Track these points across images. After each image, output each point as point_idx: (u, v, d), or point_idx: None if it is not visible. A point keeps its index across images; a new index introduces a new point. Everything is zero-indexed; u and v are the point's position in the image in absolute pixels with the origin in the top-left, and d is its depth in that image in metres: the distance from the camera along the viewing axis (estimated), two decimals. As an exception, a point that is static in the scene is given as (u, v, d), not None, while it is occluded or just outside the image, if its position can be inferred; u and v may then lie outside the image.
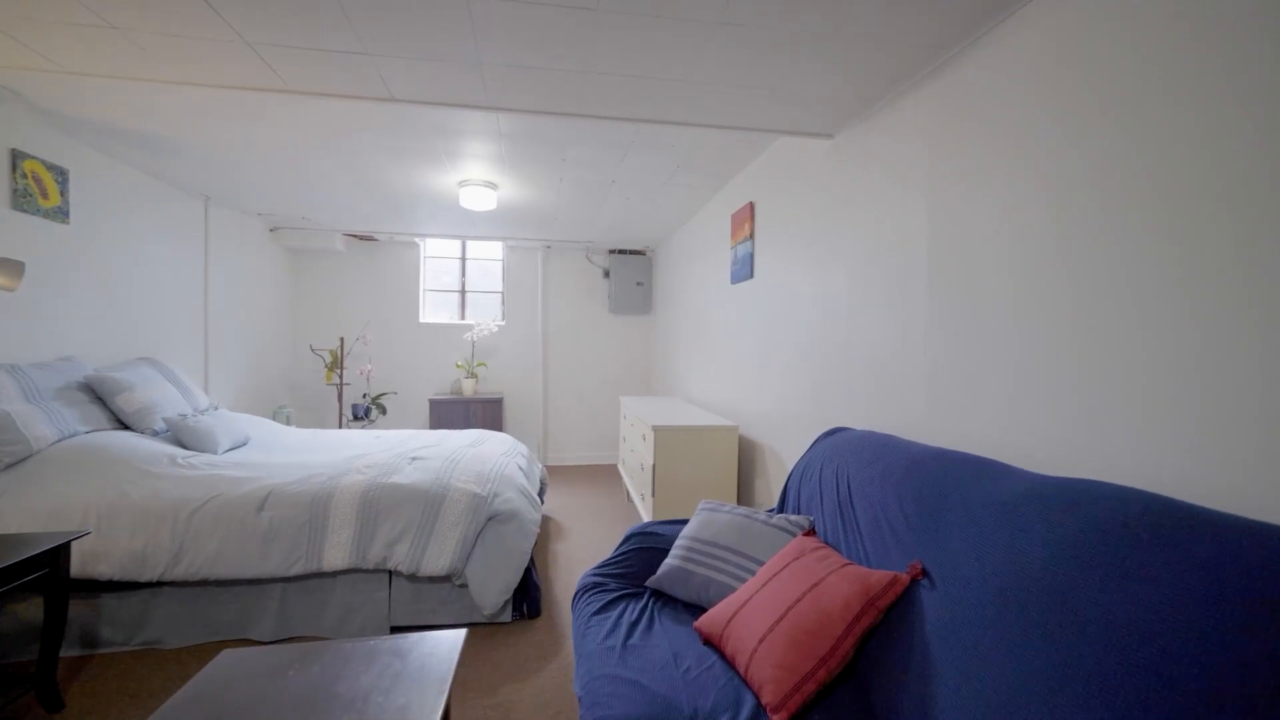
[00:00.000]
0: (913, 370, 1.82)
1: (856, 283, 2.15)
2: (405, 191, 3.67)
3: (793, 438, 2.64)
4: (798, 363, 2.60)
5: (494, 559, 2.35)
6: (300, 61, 1.74)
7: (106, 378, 2.67)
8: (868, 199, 2.08)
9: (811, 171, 2.49)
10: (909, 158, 1.85)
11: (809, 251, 2.51)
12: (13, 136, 2.44)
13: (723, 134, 2.69)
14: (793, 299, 2.65)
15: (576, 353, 5.71)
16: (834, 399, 2.30)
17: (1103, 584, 0.88)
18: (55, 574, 1.86)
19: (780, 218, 2.80)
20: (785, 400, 2.72)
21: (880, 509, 1.44)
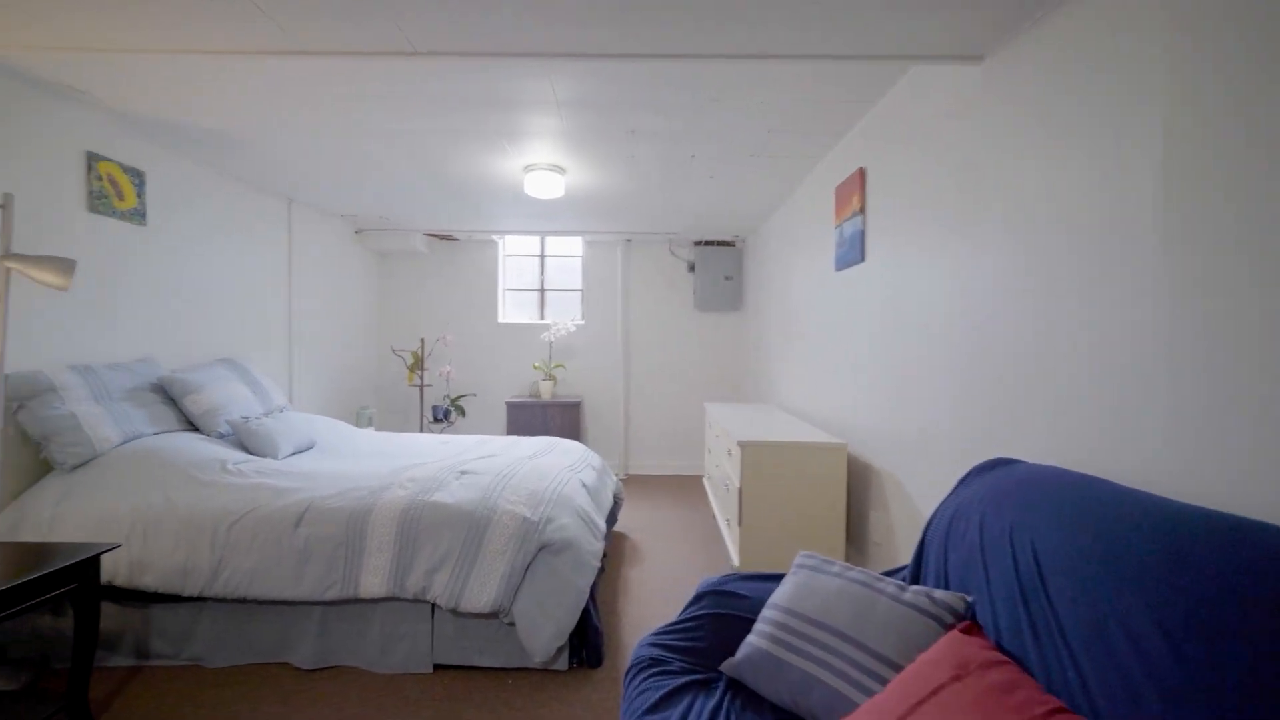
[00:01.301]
0: (1137, 383, 1.19)
1: (1023, 262, 1.53)
2: (472, 181, 3.45)
3: (925, 464, 2.03)
4: (929, 366, 1.99)
5: (545, 597, 1.99)
6: (304, 6, 1.47)
7: (176, 379, 2.64)
8: (1041, 142, 1.46)
9: (946, 117, 1.87)
10: (1127, 67, 1.23)
11: (942, 224, 1.90)
12: (87, 139, 2.45)
13: (825, 85, 2.15)
14: (919, 285, 2.05)
15: (659, 354, 5.30)
16: (988, 416, 1.68)
17: None
18: (85, 587, 1.74)
19: (900, 184, 2.19)
20: (912, 415, 2.11)
21: (1112, 615, 0.87)
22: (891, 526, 2.28)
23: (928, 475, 2.00)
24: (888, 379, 2.30)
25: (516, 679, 2.03)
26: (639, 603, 2.62)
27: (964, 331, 1.78)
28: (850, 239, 2.64)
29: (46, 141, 2.30)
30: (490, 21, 1.53)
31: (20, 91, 2.19)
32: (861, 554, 2.56)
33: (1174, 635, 0.77)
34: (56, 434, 2.16)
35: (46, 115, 2.29)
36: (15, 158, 2.18)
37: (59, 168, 2.35)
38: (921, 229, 2.04)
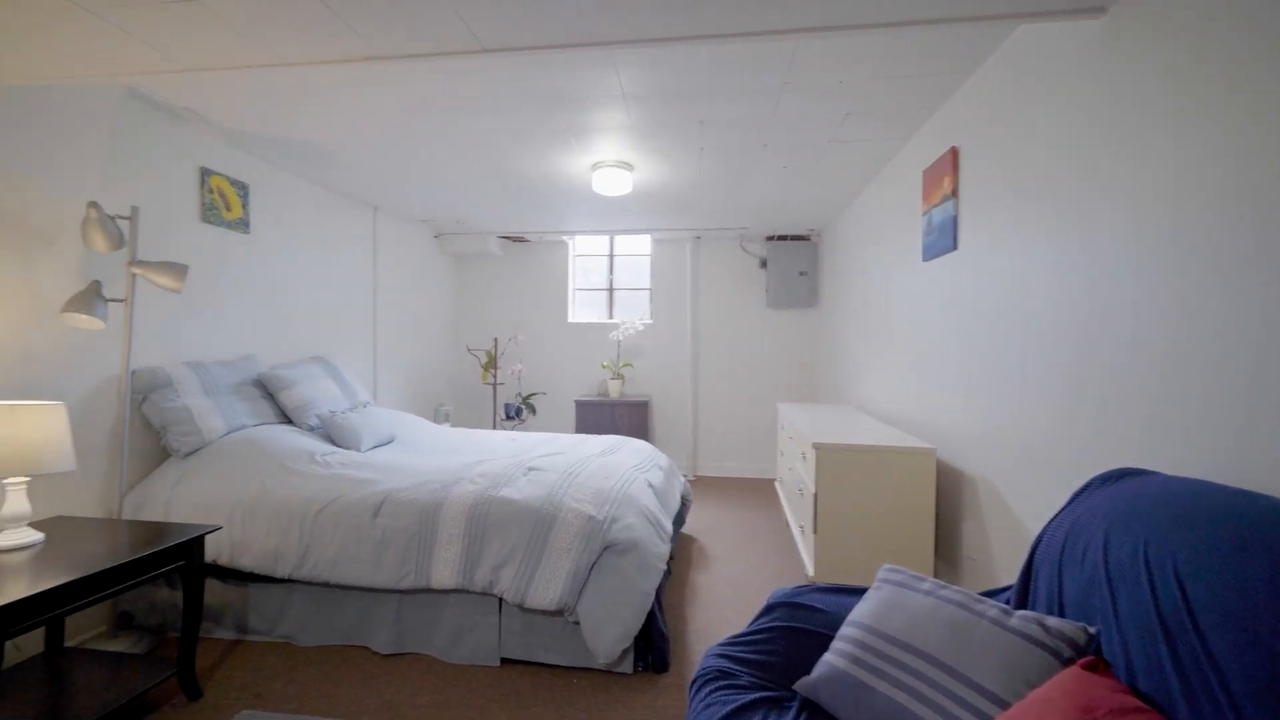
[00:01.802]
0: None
1: (1154, 246, 1.31)
2: (542, 182, 3.49)
3: (1030, 472, 1.81)
4: (1034, 363, 1.77)
5: (610, 598, 1.95)
6: (369, 7, 1.51)
7: (273, 375, 2.84)
8: (1178, 107, 1.25)
9: (1056, 84, 1.66)
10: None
11: (1052, 205, 1.68)
12: (201, 155, 2.69)
13: (911, 59, 1.97)
14: (1024, 274, 1.83)
15: (729, 353, 5.17)
16: (1108, 421, 1.46)
17: None
18: (191, 565, 1.89)
19: (1001, 162, 1.97)
20: (1014, 418, 1.89)
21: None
22: (988, 541, 2.05)
23: (1033, 485, 1.78)
24: (984, 378, 2.08)
25: (581, 679, 2.01)
26: (706, 609, 2.53)
27: (1079, 324, 1.56)
28: (940, 226, 2.42)
29: (167, 159, 2.54)
30: (554, 11, 1.51)
31: (147, 114, 2.43)
32: (953, 570, 2.34)
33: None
34: (173, 424, 2.38)
35: (167, 135, 2.53)
36: (141, 174, 2.42)
37: (177, 182, 2.59)
38: (1026, 212, 1.82)
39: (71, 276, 2.15)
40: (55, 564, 1.59)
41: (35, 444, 1.69)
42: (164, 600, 2.26)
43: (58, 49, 1.70)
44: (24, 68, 1.82)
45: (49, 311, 2.07)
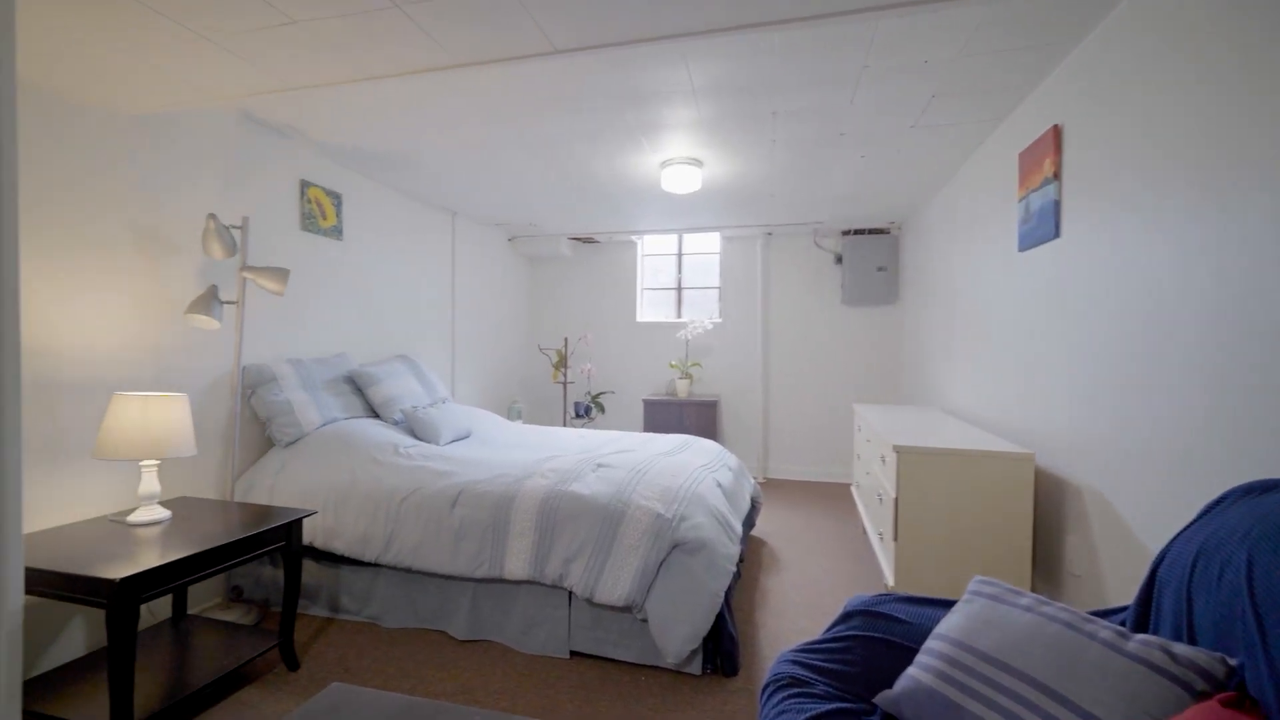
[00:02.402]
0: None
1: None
2: (611, 182, 3.53)
3: (1147, 482, 1.62)
4: (1154, 362, 1.58)
5: (678, 597, 1.93)
6: (448, 18, 1.57)
7: (362, 372, 3.04)
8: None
9: (1186, 48, 1.47)
10: None
11: (1178, 185, 1.49)
12: (301, 169, 2.93)
13: (1006, 31, 1.81)
14: (1140, 263, 1.64)
15: (802, 352, 5.01)
16: (1246, 425, 1.28)
17: None
18: (290, 546, 2.05)
19: (1113, 139, 1.78)
20: (1128, 422, 1.70)
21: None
22: (1096, 556, 1.86)
23: (1153, 497, 1.59)
24: (1093, 378, 1.89)
25: (649, 676, 2.00)
26: (777, 614, 2.45)
27: (1216, 318, 1.38)
28: (1040, 212, 2.22)
29: (273, 173, 2.78)
30: (624, 6, 1.51)
31: (256, 133, 2.67)
32: (1053, 587, 2.13)
33: None
34: (277, 416, 2.59)
35: (273, 151, 2.77)
36: (251, 187, 2.66)
37: (281, 194, 2.83)
38: (1146, 193, 1.63)
39: (193, 281, 2.40)
40: (180, 539, 1.77)
41: (164, 431, 1.89)
42: (268, 578, 2.47)
43: (180, 78, 1.90)
44: (150, 98, 2.05)
45: (175, 313, 2.32)
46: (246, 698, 1.87)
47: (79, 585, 1.51)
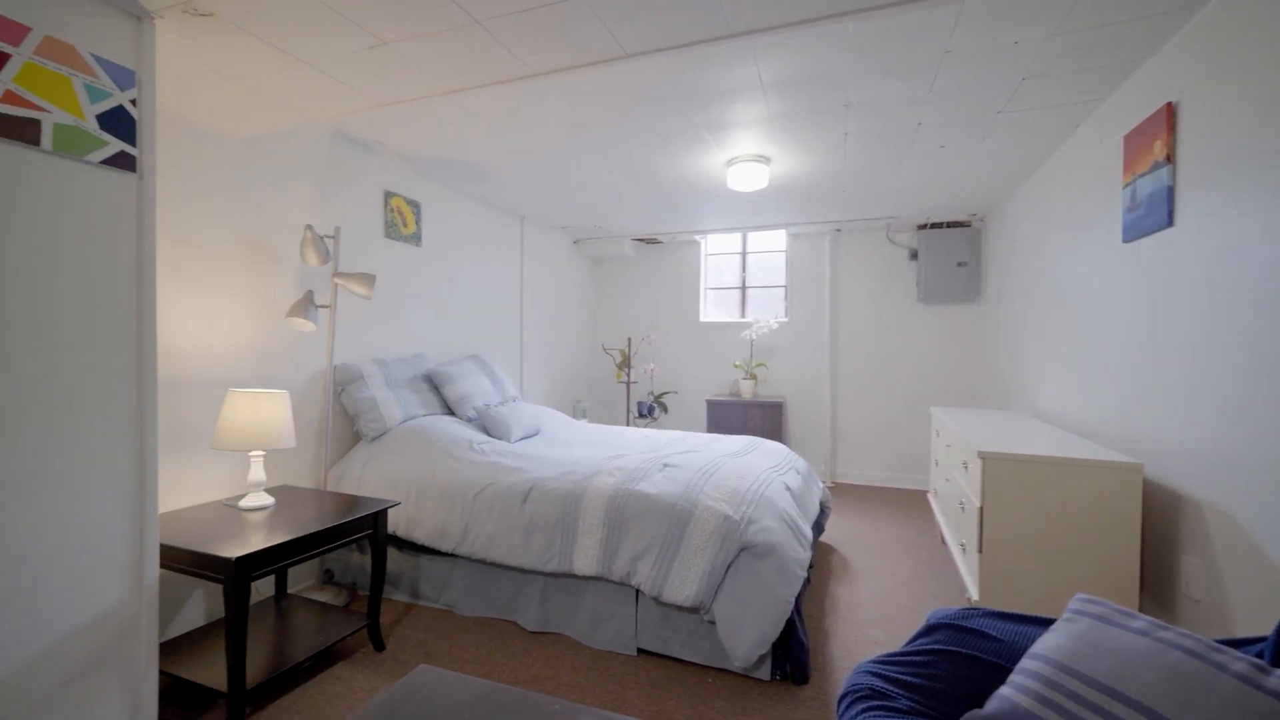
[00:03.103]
0: None
1: None
2: (676, 182, 3.53)
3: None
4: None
5: (747, 600, 1.90)
6: (525, 30, 1.62)
7: (439, 371, 3.19)
8: None
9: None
10: None
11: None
12: (384, 180, 3.12)
13: (1111, 5, 1.67)
14: (1271, 253, 1.46)
15: (873, 352, 4.81)
16: None
17: None
18: (377, 534, 2.18)
19: (1240, 115, 1.59)
20: (1262, 433, 1.52)
21: None
22: (1221, 580, 1.67)
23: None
24: (1214, 382, 1.70)
25: (717, 679, 1.98)
26: (849, 624, 2.37)
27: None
28: (1149, 199, 2.03)
29: (360, 185, 2.97)
30: (694, 7, 1.51)
31: (347, 148, 2.86)
32: (1165, 610, 1.94)
33: None
34: (364, 412, 2.77)
35: (361, 164, 2.96)
36: (341, 198, 2.86)
37: (367, 204, 3.03)
38: (1276, 174, 1.45)
39: (292, 287, 2.60)
40: (283, 524, 1.93)
41: (269, 425, 2.06)
42: (356, 563, 2.64)
43: (282, 101, 2.06)
44: (257, 120, 2.24)
45: (277, 316, 2.53)
46: (339, 673, 2.01)
47: (202, 562, 1.67)
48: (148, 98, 1.48)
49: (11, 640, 1.26)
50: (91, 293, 1.38)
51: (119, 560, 1.44)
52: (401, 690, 1.09)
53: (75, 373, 1.36)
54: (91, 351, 1.39)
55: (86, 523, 1.38)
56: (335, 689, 1.92)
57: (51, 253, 1.32)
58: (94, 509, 1.39)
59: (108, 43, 1.40)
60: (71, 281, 1.35)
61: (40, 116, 1.28)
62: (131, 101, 1.44)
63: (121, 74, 1.42)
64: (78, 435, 1.36)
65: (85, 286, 1.37)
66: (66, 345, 1.35)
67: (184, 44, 1.70)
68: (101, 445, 1.41)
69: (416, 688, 1.10)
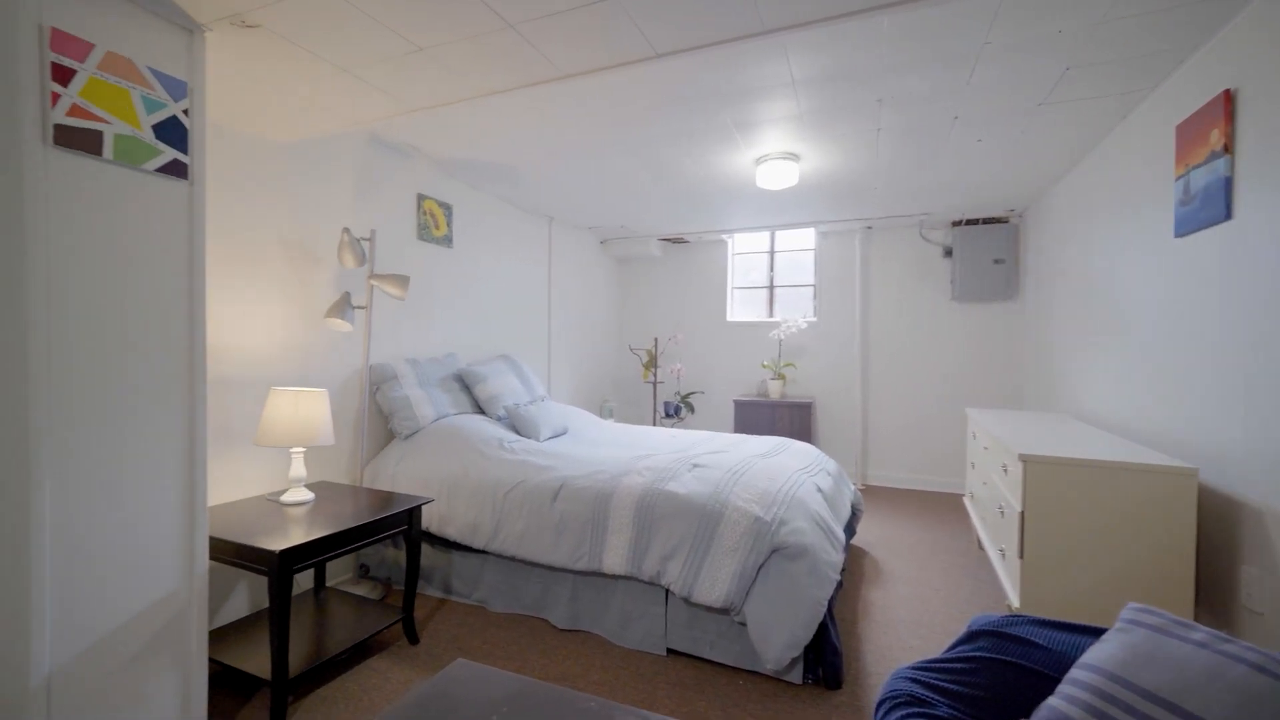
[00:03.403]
0: None
1: None
2: (704, 182, 3.52)
3: (1352, 506, 1.36)
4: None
5: (778, 603, 1.88)
6: (556, 32, 1.63)
7: (470, 371, 3.24)
8: None
9: None
10: None
11: None
12: (417, 182, 3.18)
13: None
14: (1351, 238, 1.38)
15: (905, 352, 4.71)
16: None
17: None
18: (411, 529, 2.22)
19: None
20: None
21: None
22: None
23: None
24: (1278, 383, 1.61)
25: (748, 681, 1.97)
26: (883, 629, 2.32)
27: None
28: (1204, 192, 1.94)
29: (394, 188, 3.04)
30: (723, 6, 1.50)
31: (382, 153, 2.93)
32: (1224, 623, 1.85)
33: None
34: (397, 410, 2.83)
35: (395, 168, 3.03)
36: (376, 202, 2.93)
37: (400, 207, 3.09)
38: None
39: (329, 288, 2.67)
40: (323, 518, 1.99)
41: (309, 422, 2.12)
42: (390, 558, 2.70)
43: (322, 107, 2.12)
44: (297, 127, 2.30)
45: (315, 317, 2.60)
46: (375, 665, 2.06)
47: (247, 554, 1.73)
48: (198, 107, 1.54)
49: (80, 624, 1.33)
50: (148, 295, 1.45)
51: (172, 550, 1.50)
52: (439, 683, 1.11)
53: (135, 372, 1.42)
54: (148, 351, 1.45)
55: (145, 514, 1.44)
56: (372, 681, 1.96)
57: (112, 257, 1.38)
58: (151, 501, 1.46)
59: (162, 56, 1.46)
60: (131, 285, 1.41)
61: (102, 128, 1.34)
62: (184, 111, 1.50)
63: (175, 85, 1.48)
64: (137, 431, 1.43)
65: (143, 289, 1.43)
66: (129, 345, 1.41)
67: (230, 55, 1.76)
68: (157, 441, 1.47)
69: (453, 681, 1.12)
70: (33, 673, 1.25)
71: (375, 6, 1.54)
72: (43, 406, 1.26)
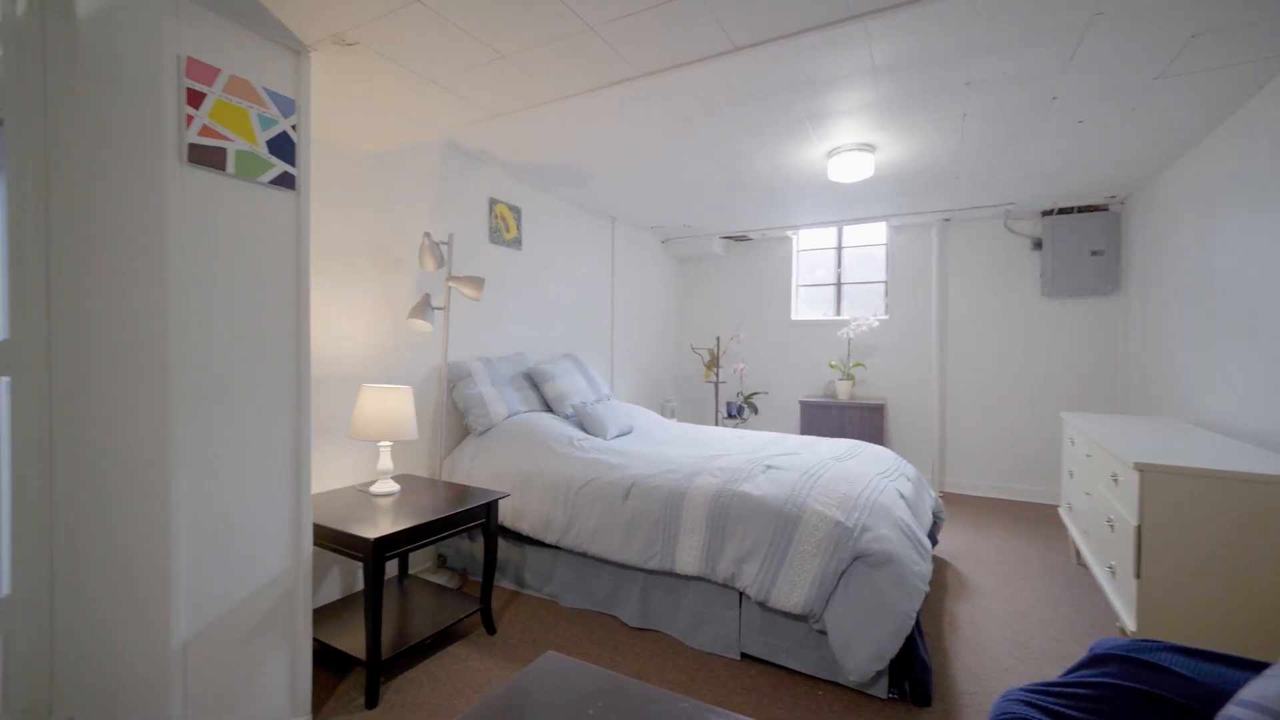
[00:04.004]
0: None
1: None
2: (772, 177, 3.44)
3: None
4: None
5: (862, 612, 1.81)
6: (635, 32, 1.63)
7: (538, 370, 3.31)
8: None
9: None
10: None
11: None
12: (489, 187, 3.28)
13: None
14: None
15: (988, 350, 4.43)
16: None
17: None
18: (489, 523, 2.29)
19: None
20: None
21: None
22: None
23: None
24: None
25: (828, 692, 1.90)
26: (973, 646, 2.19)
27: None
28: (1360, 167, 1.71)
29: (468, 193, 3.15)
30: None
31: (458, 160, 3.04)
32: (1386, 660, 1.62)
33: None
34: (472, 407, 2.93)
35: (469, 174, 3.13)
36: (453, 207, 3.04)
37: (474, 211, 3.20)
38: None
39: (410, 290, 2.80)
40: (408, 509, 2.08)
41: (396, 418, 2.23)
42: (466, 550, 2.80)
43: (408, 117, 2.22)
44: (385, 137, 2.42)
45: (398, 318, 2.73)
46: (456, 652, 2.13)
47: (343, 540, 1.84)
48: (304, 123, 1.64)
49: (209, 598, 1.46)
50: (263, 298, 1.56)
51: (282, 534, 1.61)
52: (532, 675, 1.13)
53: (253, 369, 1.54)
54: (264, 349, 1.56)
55: (261, 500, 1.56)
56: (454, 667, 2.04)
57: (234, 264, 1.49)
58: (266, 489, 1.57)
59: (274, 76, 1.57)
60: (249, 288, 1.53)
61: (226, 145, 1.46)
62: (292, 127, 1.61)
63: (284, 103, 1.59)
64: (255, 424, 1.54)
65: (258, 293, 1.55)
66: (248, 344, 1.53)
67: (328, 73, 1.87)
68: (271, 433, 1.58)
69: (545, 673, 1.14)
70: (173, 637, 1.38)
71: (465, 18, 1.60)
72: (179, 399, 1.39)
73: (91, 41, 1.54)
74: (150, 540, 1.41)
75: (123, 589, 1.49)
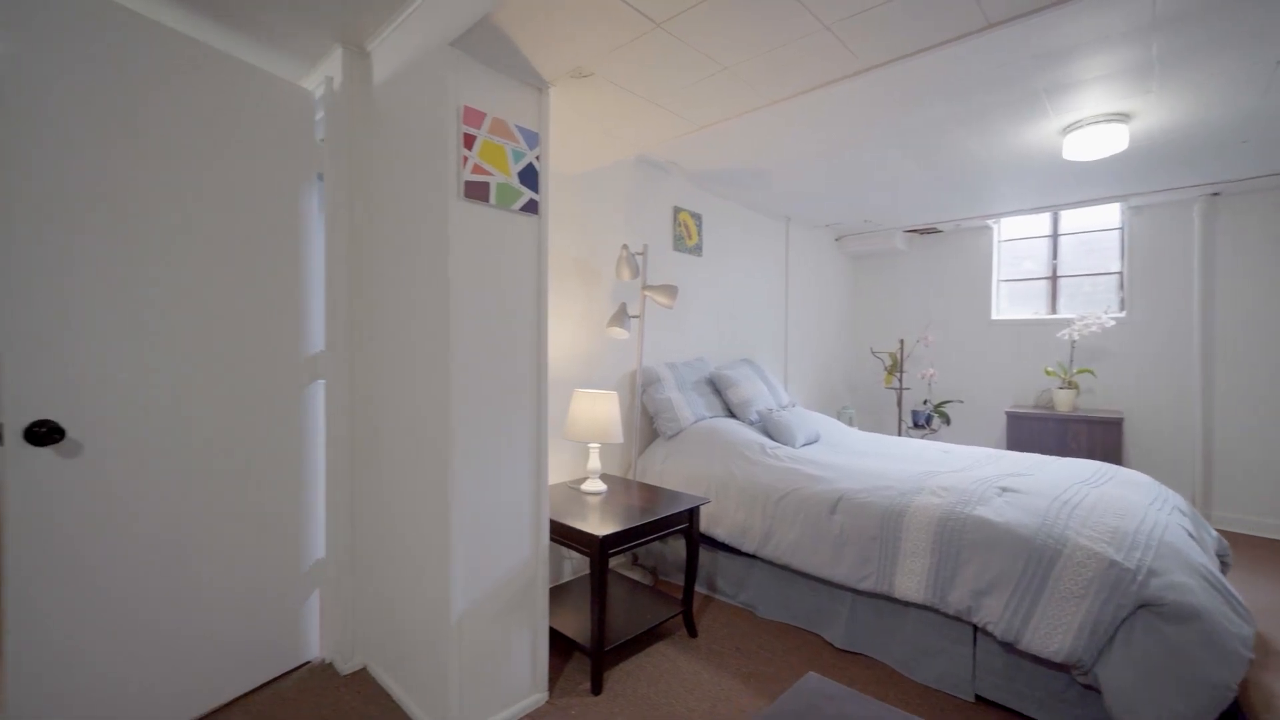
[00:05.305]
0: None
1: None
2: (983, 163, 3.07)
3: None
4: None
5: (1153, 673, 1.51)
6: (872, 22, 1.53)
7: (721, 375, 3.31)
8: None
9: None
10: None
11: None
12: (673, 196, 3.36)
13: None
14: None
15: (1274, 356, 3.51)
16: None
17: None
18: (690, 528, 2.33)
19: None
20: None
21: None
22: None
23: None
24: None
25: (1099, 760, 1.62)
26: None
27: None
28: None
29: (655, 204, 3.25)
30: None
31: (647, 172, 3.16)
32: None
33: None
34: (661, 411, 3.01)
35: (656, 185, 3.24)
36: (642, 217, 3.16)
37: (660, 221, 3.30)
38: None
39: (606, 299, 2.96)
40: (616, 509, 2.18)
41: (604, 421, 2.36)
42: (655, 549, 2.88)
43: (619, 137, 2.34)
44: (592, 158, 2.58)
45: (597, 325, 2.90)
46: (662, 651, 2.20)
47: (571, 535, 1.98)
48: (545, 153, 1.81)
49: (476, 579, 1.66)
50: (513, 311, 1.74)
51: (527, 525, 1.79)
52: (800, 695, 1.11)
53: (508, 374, 1.73)
54: (515, 357, 1.75)
55: (512, 494, 1.75)
56: (663, 665, 2.10)
57: (494, 282, 1.69)
58: (515, 483, 1.75)
59: (523, 113, 1.75)
60: (504, 303, 1.72)
61: (489, 180, 1.65)
62: (536, 158, 1.77)
63: (530, 136, 1.76)
64: (509, 425, 1.73)
65: (510, 306, 1.73)
66: (504, 353, 1.72)
67: (556, 103, 2.03)
68: (519, 433, 1.76)
69: (813, 694, 1.11)
70: (452, 611, 1.59)
71: (698, 36, 1.62)
72: (458, 402, 1.60)
73: (385, 103, 1.85)
74: (434, 525, 1.64)
75: (406, 566, 1.76)
